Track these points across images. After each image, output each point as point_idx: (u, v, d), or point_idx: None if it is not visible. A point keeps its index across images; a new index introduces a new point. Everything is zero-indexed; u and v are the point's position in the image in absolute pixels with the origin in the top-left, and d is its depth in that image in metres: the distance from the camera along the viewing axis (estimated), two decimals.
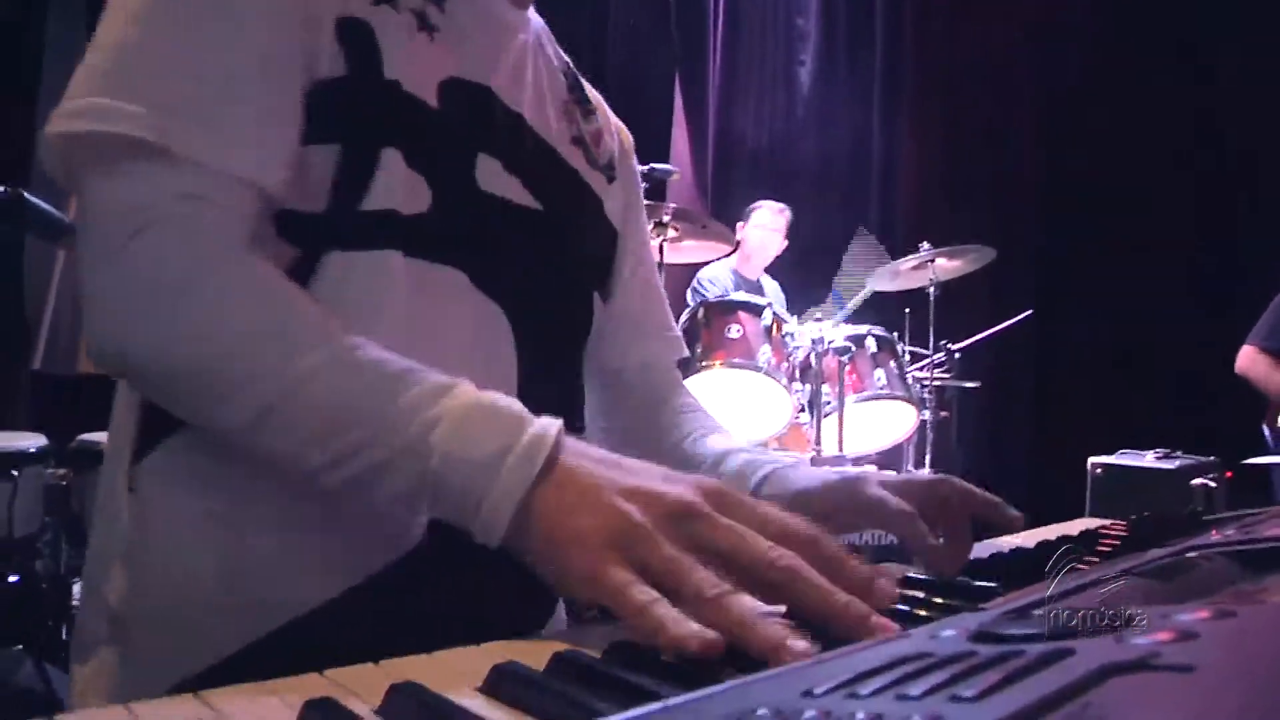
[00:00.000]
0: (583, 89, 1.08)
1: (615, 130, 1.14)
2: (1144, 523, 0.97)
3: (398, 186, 0.80)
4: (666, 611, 0.53)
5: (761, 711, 0.31)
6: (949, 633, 0.43)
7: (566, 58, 1.08)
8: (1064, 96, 5.25)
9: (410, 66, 0.83)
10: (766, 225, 4.72)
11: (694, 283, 4.62)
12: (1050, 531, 1.02)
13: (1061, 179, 5.27)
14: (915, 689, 0.31)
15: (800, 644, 0.51)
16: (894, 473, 0.92)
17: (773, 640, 0.51)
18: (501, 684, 0.48)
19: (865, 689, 0.32)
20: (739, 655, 0.52)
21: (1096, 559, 0.78)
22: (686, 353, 1.21)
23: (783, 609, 0.57)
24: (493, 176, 0.89)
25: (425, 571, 0.79)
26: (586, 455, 0.65)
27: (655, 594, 0.55)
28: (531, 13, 1.02)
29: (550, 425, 0.65)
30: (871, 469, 0.92)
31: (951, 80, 5.74)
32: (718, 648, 0.51)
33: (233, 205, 0.73)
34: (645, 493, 0.61)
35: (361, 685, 0.49)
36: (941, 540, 0.85)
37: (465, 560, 0.69)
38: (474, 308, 0.86)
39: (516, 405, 0.67)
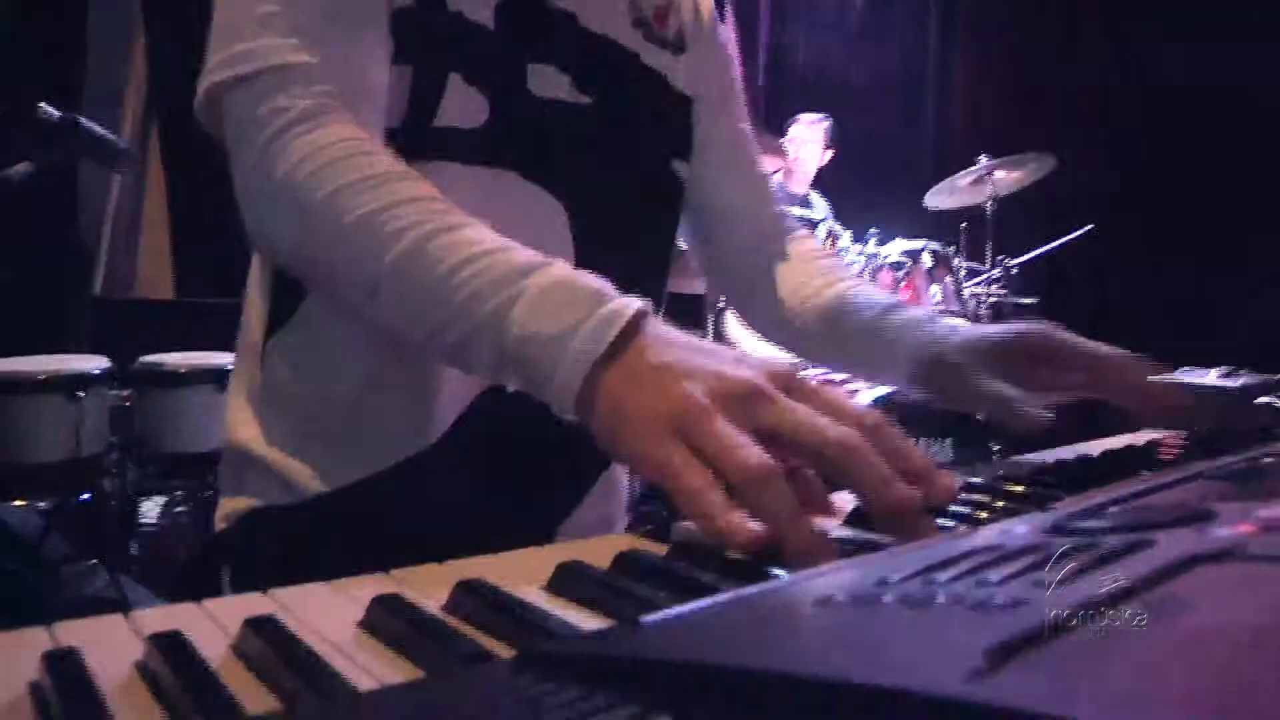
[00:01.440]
0: None
1: None
2: (1214, 433, 0.95)
3: (458, 105, 0.90)
4: (717, 498, 0.53)
5: (840, 598, 0.30)
6: (1021, 529, 0.42)
7: None
8: (1130, 7, 5.07)
9: None
10: (803, 138, 4.64)
11: None
12: (1116, 441, 1.00)
13: (1127, 89, 5.11)
14: (994, 575, 0.31)
15: (832, 548, 0.51)
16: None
17: (811, 540, 0.51)
18: (566, 581, 0.48)
19: (942, 576, 0.32)
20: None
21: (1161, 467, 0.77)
22: (779, 202, 1.23)
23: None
24: (545, 81, 0.95)
25: (471, 449, 0.93)
26: (661, 337, 0.64)
27: (710, 478, 0.55)
28: None
29: (628, 304, 0.65)
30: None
31: None
32: (761, 542, 0.51)
33: (352, 105, 0.83)
34: (710, 373, 0.60)
35: (428, 583, 0.49)
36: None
37: (505, 435, 0.86)
38: (526, 199, 0.94)
39: (600, 283, 0.68)
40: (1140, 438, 0.99)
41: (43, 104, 2.17)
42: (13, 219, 3.74)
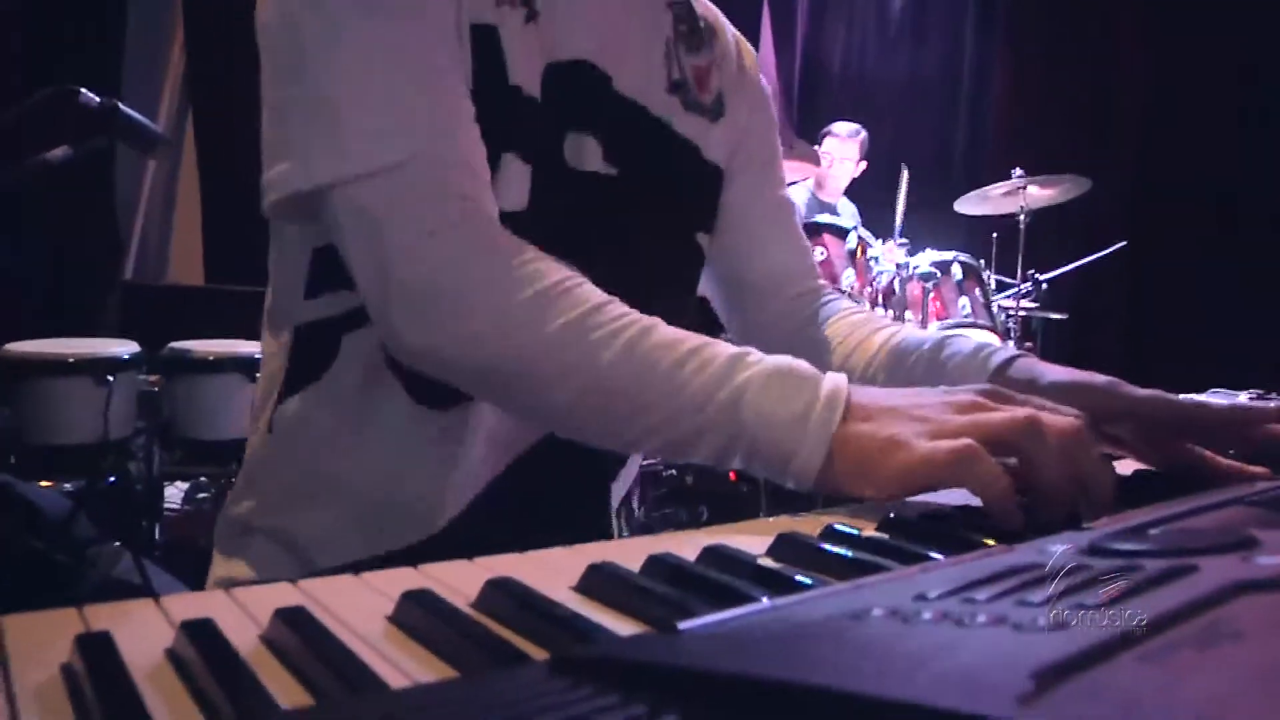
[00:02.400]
0: (693, 18, 1.06)
1: (735, 46, 1.12)
2: (1248, 457, 0.94)
3: (512, 184, 0.86)
4: (985, 461, 0.60)
5: (877, 612, 0.30)
6: (1058, 547, 0.41)
7: None
8: (1171, 19, 5.02)
9: (523, 65, 0.87)
10: (838, 152, 4.60)
11: None
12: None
13: (1164, 106, 5.06)
14: (1035, 596, 0.30)
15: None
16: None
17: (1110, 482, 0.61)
18: (596, 582, 0.48)
19: (982, 594, 0.31)
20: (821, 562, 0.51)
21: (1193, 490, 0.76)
22: (819, 268, 1.20)
23: None
24: (579, 152, 0.93)
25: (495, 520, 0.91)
26: (873, 393, 0.71)
27: (966, 439, 0.62)
28: None
29: (840, 379, 0.71)
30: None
31: (1048, 2, 5.52)
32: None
33: (489, 202, 0.81)
34: (935, 403, 0.68)
35: (458, 579, 0.49)
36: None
37: (514, 520, 0.86)
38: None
39: (807, 365, 0.73)
40: None
41: (82, 89, 2.19)
42: (49, 203, 3.78)
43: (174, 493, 3.11)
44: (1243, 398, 3.91)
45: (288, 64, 0.80)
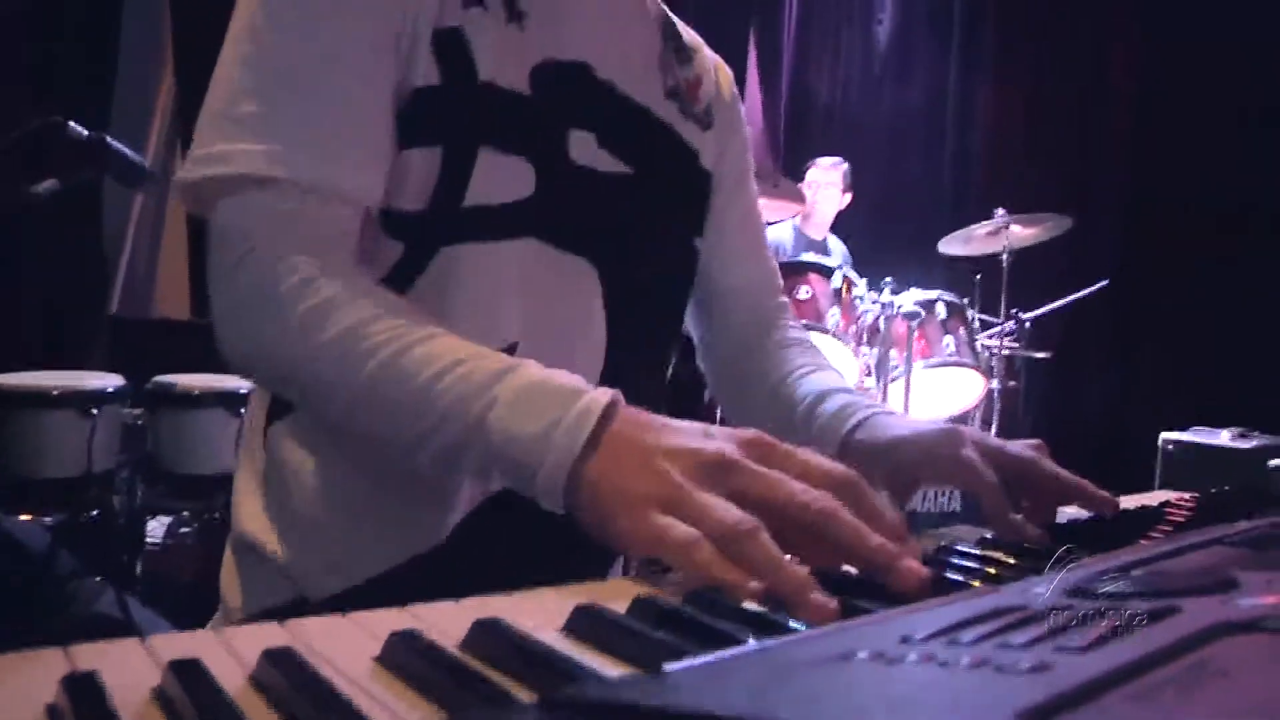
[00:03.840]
0: (680, 36, 1.11)
1: (714, 68, 1.16)
2: (1228, 495, 0.95)
3: (495, 178, 0.88)
4: (709, 553, 0.56)
5: (862, 654, 0.30)
6: (1042, 589, 0.42)
7: (663, 5, 1.11)
8: (1156, 58, 5.09)
9: (502, 62, 0.89)
10: (821, 181, 4.63)
11: None
12: (1129, 501, 1.00)
13: (1147, 145, 5.12)
14: (1019, 638, 0.31)
15: (822, 597, 0.52)
16: (989, 435, 0.90)
17: (797, 583, 0.53)
18: (583, 624, 0.48)
19: (966, 636, 0.32)
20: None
21: (1172, 529, 0.77)
22: (781, 283, 1.24)
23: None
24: (584, 149, 0.94)
25: (493, 530, 0.91)
26: (635, 421, 0.68)
27: (697, 533, 0.58)
28: None
29: (600, 396, 0.68)
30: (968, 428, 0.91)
31: (1033, 43, 5.60)
32: (758, 591, 0.54)
33: (329, 219, 0.82)
34: (683, 451, 0.63)
35: (444, 620, 0.49)
36: (1020, 516, 0.82)
37: (518, 527, 0.81)
38: (562, 268, 0.93)
39: (573, 380, 0.71)
40: (1154, 498, 0.99)
41: (71, 122, 2.19)
42: (37, 236, 3.77)
43: (155, 526, 3.08)
44: (1224, 436, 3.90)
45: (223, 65, 0.84)
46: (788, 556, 0.57)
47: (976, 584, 0.56)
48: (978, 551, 0.65)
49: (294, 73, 0.81)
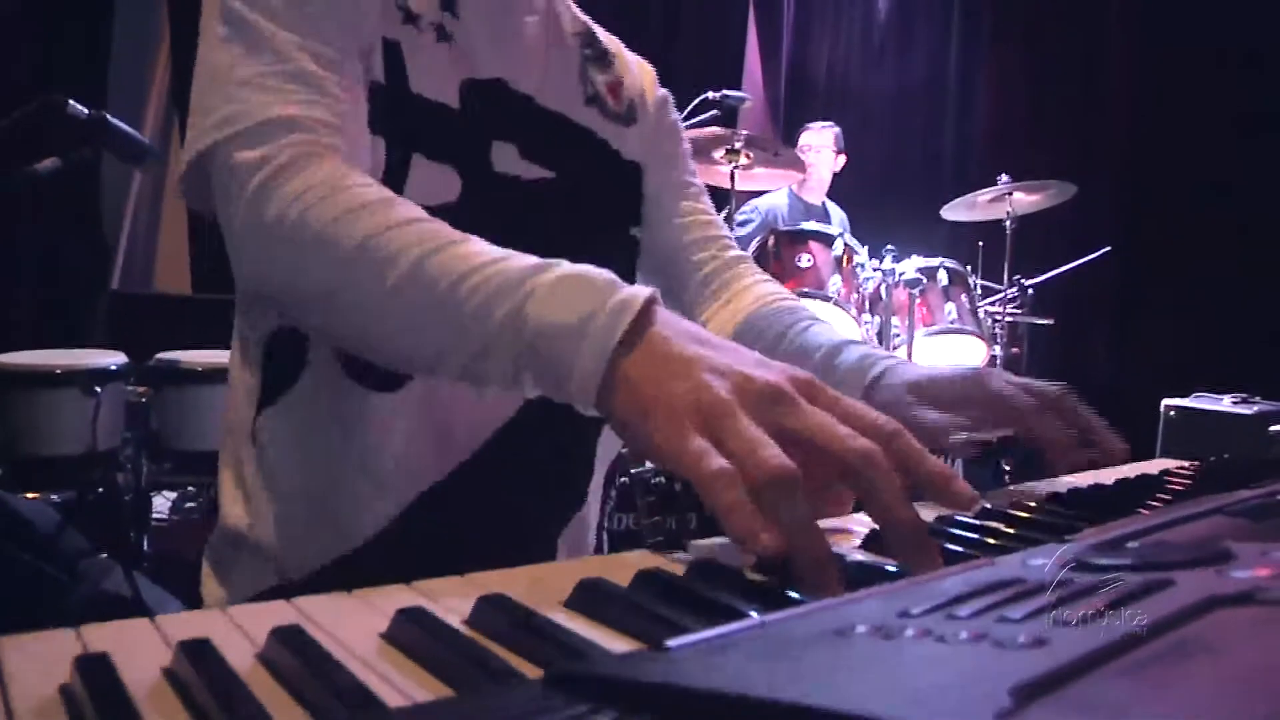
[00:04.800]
0: (597, 44, 1.17)
1: (636, 69, 1.22)
2: (1230, 463, 0.95)
3: (425, 183, 0.93)
4: (737, 496, 0.53)
5: (861, 629, 0.31)
6: (1039, 561, 0.42)
7: (582, 16, 1.18)
8: (1152, 26, 5.05)
9: (432, 76, 0.96)
10: (814, 144, 4.65)
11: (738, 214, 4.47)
12: (1129, 470, 1.00)
13: (1150, 110, 5.09)
14: (1015, 612, 0.31)
15: (834, 582, 0.51)
16: (1009, 374, 0.90)
17: (821, 554, 0.52)
18: (587, 599, 0.49)
19: (964, 610, 0.32)
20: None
21: (1172, 498, 0.77)
22: (731, 235, 1.25)
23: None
24: (506, 158, 1.01)
25: (465, 494, 0.97)
26: (679, 328, 0.65)
27: (733, 475, 0.54)
28: None
29: (640, 291, 0.65)
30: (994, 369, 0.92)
31: (1035, 8, 5.56)
32: (778, 552, 0.51)
33: (335, 148, 0.84)
34: (736, 372, 0.60)
35: (449, 596, 0.50)
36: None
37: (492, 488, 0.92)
38: None
39: (608, 275, 0.68)
40: (1154, 466, 0.99)
41: (70, 100, 2.19)
42: (37, 214, 3.77)
43: (161, 503, 3.10)
44: (1226, 402, 3.91)
45: (203, 53, 0.89)
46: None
47: (976, 555, 0.57)
48: (976, 522, 0.65)
49: (270, 43, 0.86)
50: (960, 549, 0.58)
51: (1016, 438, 0.86)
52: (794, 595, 0.48)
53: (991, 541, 0.61)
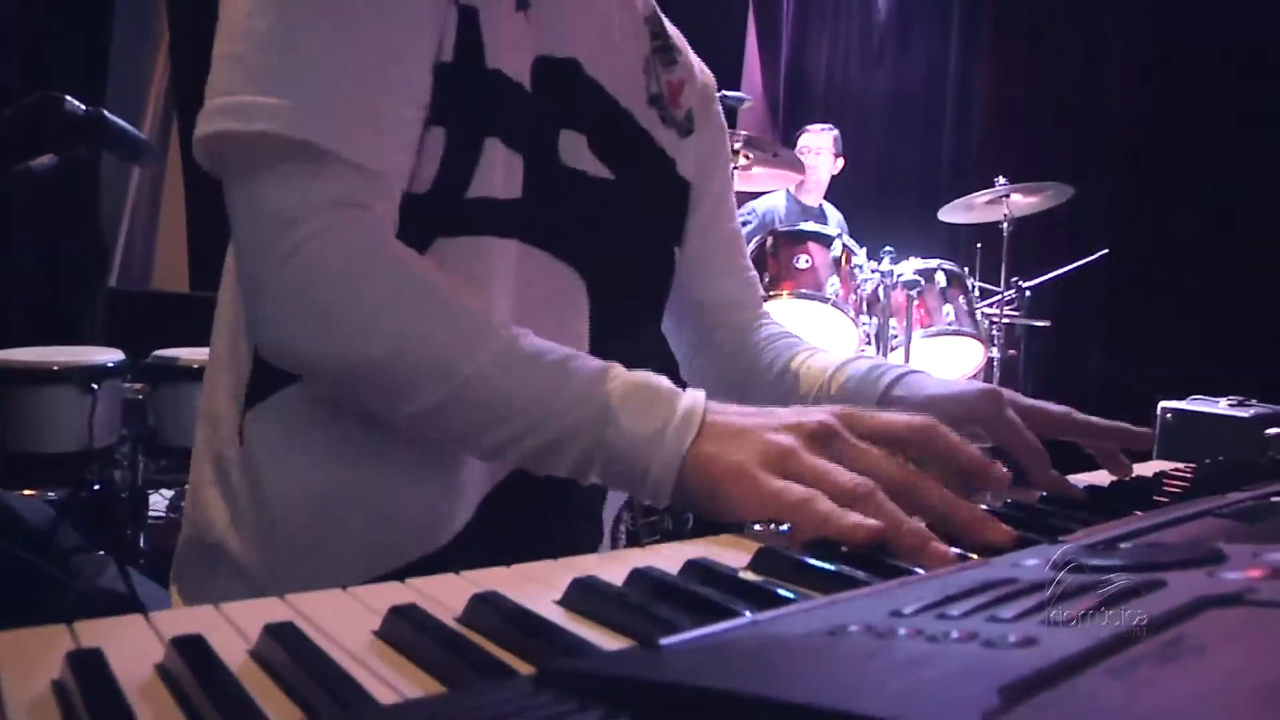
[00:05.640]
0: (667, 37, 1.08)
1: (699, 73, 1.14)
2: (1222, 466, 0.96)
3: (498, 173, 0.85)
4: (828, 504, 0.60)
5: (853, 628, 0.31)
6: (1031, 561, 0.42)
7: (653, 3, 1.09)
8: (1149, 29, 5.06)
9: (508, 51, 0.85)
10: (813, 146, 4.66)
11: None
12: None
13: (1147, 112, 5.09)
14: (1006, 612, 0.31)
15: (942, 547, 0.57)
16: (1023, 396, 0.92)
17: (919, 537, 0.57)
18: (580, 596, 0.49)
19: (955, 610, 0.32)
20: (806, 575, 0.52)
21: (1168, 499, 0.77)
22: (759, 295, 1.24)
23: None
24: (573, 150, 0.92)
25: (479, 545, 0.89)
26: (730, 411, 0.72)
27: (813, 490, 0.62)
28: None
29: (698, 396, 0.72)
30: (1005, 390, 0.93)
31: (1034, 10, 5.56)
32: (880, 534, 0.57)
33: (381, 202, 0.78)
34: (788, 425, 0.68)
35: (444, 594, 0.50)
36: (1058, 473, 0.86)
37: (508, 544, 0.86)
38: (553, 275, 0.92)
39: (666, 383, 0.74)
40: (1149, 468, 1.00)
41: (68, 97, 2.19)
42: (35, 211, 3.77)
43: (158, 500, 3.10)
44: (1223, 404, 3.90)
45: (235, 22, 0.77)
46: None
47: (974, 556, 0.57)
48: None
49: (326, 25, 0.76)
50: (956, 549, 0.58)
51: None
52: (786, 595, 0.48)
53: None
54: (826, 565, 0.53)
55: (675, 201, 1.09)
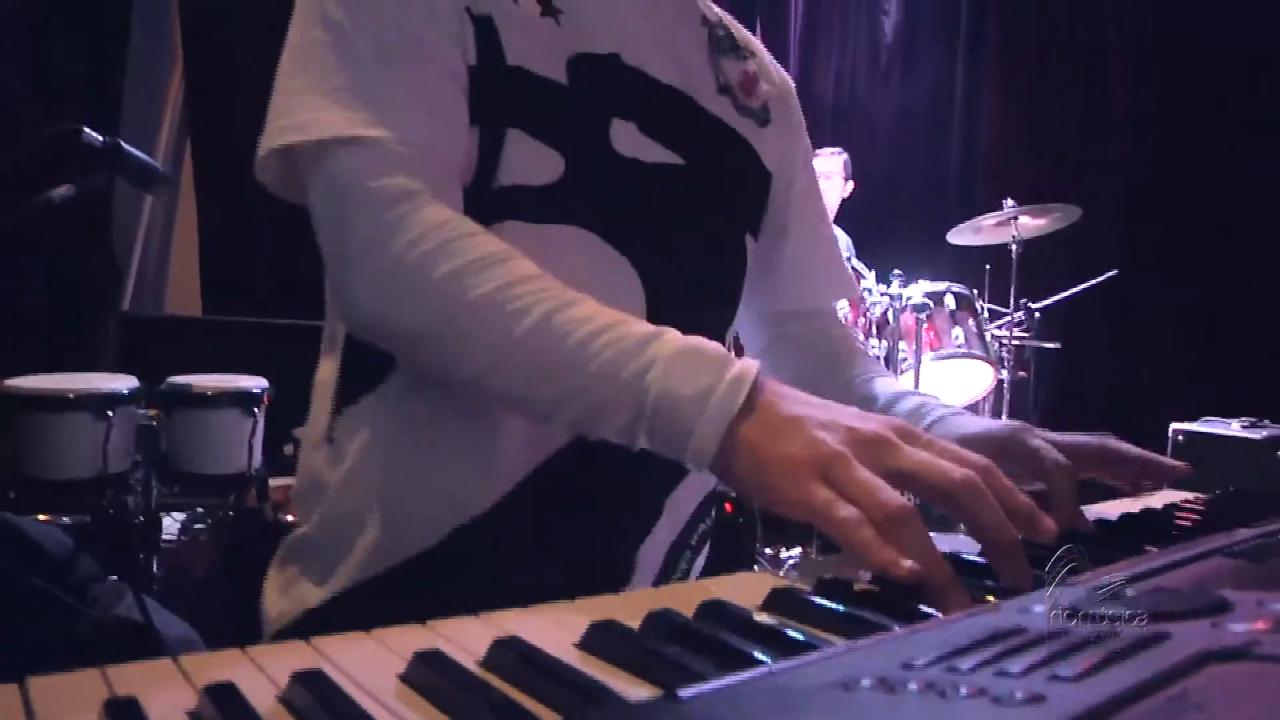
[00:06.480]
0: (732, 37, 1.12)
1: (775, 73, 1.18)
2: (1231, 498, 0.96)
3: (526, 161, 0.90)
4: (871, 534, 0.60)
5: (865, 681, 0.32)
6: (1039, 608, 0.43)
7: (719, 9, 1.13)
8: (1156, 50, 5.08)
9: (536, 50, 0.91)
10: (821, 171, 4.62)
11: None
12: (1134, 504, 1.01)
13: (1150, 134, 5.10)
14: (1015, 666, 0.32)
15: (964, 595, 0.57)
16: (1054, 434, 0.94)
17: (947, 580, 0.58)
18: (599, 641, 0.50)
19: (965, 663, 0.33)
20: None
21: (1178, 533, 0.78)
22: (856, 289, 1.28)
23: None
24: (628, 138, 0.96)
25: (528, 515, 0.92)
26: (784, 393, 0.72)
27: (858, 512, 0.61)
28: None
29: (750, 365, 0.72)
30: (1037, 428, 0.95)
31: (1039, 33, 5.58)
32: (917, 576, 0.57)
33: (448, 180, 0.86)
34: (841, 425, 0.67)
35: (464, 637, 0.51)
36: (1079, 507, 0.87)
37: (560, 509, 0.90)
38: (600, 262, 0.93)
39: (719, 347, 0.74)
40: (1158, 500, 1.00)
41: (85, 128, 2.22)
42: (49, 236, 3.80)
43: (169, 523, 3.11)
44: (1235, 426, 3.89)
45: (312, 41, 0.87)
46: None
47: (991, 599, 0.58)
48: (982, 561, 0.66)
49: (381, 50, 0.85)
50: (972, 584, 0.59)
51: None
52: (800, 639, 0.49)
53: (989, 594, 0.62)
54: (838, 607, 0.54)
55: (754, 189, 1.11)
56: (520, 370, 0.78)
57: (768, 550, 3.45)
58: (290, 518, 0.99)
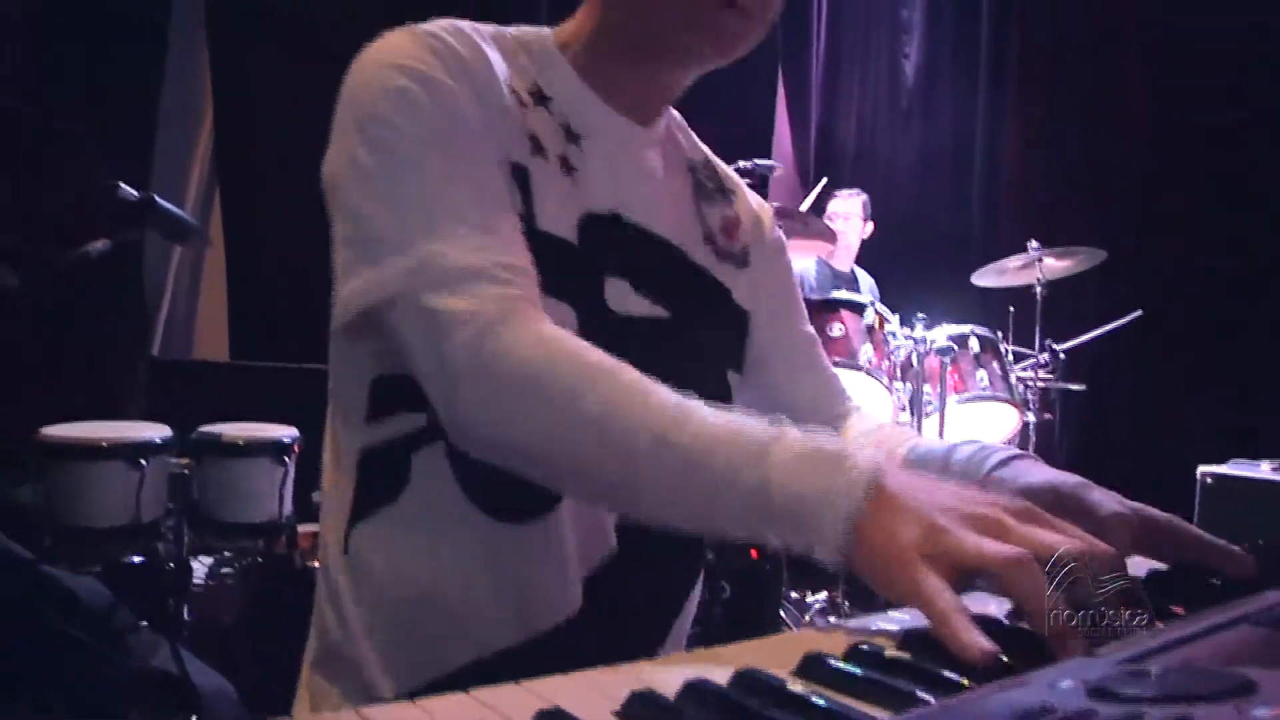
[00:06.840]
0: (717, 179, 1.17)
1: (756, 209, 1.21)
2: (1259, 553, 0.96)
3: (549, 314, 0.90)
4: (961, 621, 0.61)
5: None
6: (1067, 683, 0.44)
7: (704, 148, 1.17)
8: (1174, 92, 5.09)
9: (556, 210, 0.96)
10: (842, 212, 4.70)
11: None
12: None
13: (1173, 175, 5.11)
14: None
15: (1081, 641, 0.59)
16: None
17: (1059, 625, 0.60)
18: (638, 711, 0.51)
19: None
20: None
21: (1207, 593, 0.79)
22: (845, 390, 1.25)
23: None
24: (621, 296, 1.00)
25: (575, 639, 0.94)
26: (902, 481, 0.73)
27: (959, 604, 0.62)
28: (665, 115, 1.10)
29: (871, 460, 0.73)
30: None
31: (1059, 75, 5.61)
32: (993, 658, 0.58)
33: (522, 290, 0.87)
34: (955, 510, 0.70)
35: (509, 706, 0.52)
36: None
37: (613, 629, 0.93)
38: None
39: (838, 444, 0.76)
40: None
41: (121, 183, 2.26)
42: (79, 284, 3.85)
43: (197, 567, 3.14)
44: (1264, 467, 3.86)
45: (360, 199, 0.89)
46: None
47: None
48: (1011, 625, 0.67)
49: (454, 189, 0.88)
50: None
51: None
52: (833, 709, 0.50)
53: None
54: (871, 674, 0.55)
55: (733, 330, 1.14)
56: (643, 486, 0.80)
57: (793, 594, 3.45)
58: (315, 564, 1.01)
